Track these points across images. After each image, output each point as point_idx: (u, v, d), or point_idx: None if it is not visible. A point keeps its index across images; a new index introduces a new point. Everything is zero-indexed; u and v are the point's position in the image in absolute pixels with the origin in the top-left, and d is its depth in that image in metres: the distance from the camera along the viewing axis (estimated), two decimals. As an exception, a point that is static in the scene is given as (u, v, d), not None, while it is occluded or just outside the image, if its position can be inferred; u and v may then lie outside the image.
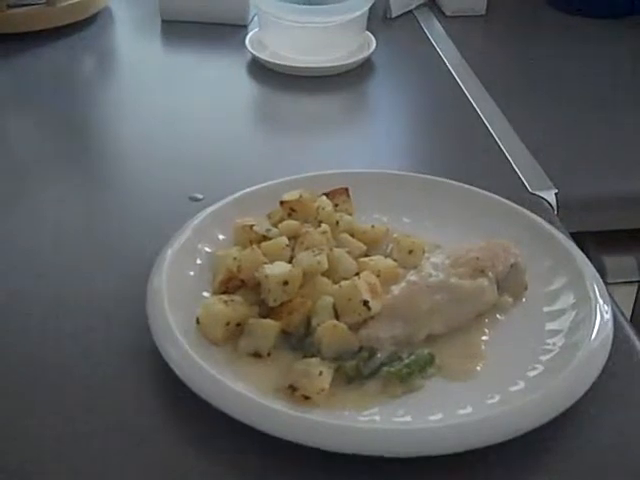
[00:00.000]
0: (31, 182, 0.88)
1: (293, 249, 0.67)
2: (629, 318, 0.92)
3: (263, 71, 1.11)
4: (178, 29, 1.23)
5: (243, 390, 0.57)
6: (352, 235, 0.71)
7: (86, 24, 1.22)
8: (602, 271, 0.91)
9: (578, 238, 0.77)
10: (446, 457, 0.53)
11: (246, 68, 1.12)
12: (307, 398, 0.57)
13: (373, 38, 1.15)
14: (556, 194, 0.86)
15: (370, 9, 1.13)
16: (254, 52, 1.11)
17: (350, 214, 0.74)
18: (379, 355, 0.61)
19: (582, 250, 0.71)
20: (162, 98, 1.05)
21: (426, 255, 0.70)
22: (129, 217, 0.81)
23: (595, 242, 0.92)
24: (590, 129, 1.00)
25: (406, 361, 0.60)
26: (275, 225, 0.71)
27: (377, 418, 0.57)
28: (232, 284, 0.65)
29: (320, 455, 0.53)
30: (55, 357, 0.64)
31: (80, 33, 1.20)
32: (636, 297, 0.95)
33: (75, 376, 0.62)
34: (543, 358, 0.61)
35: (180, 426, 0.58)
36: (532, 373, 0.60)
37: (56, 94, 1.06)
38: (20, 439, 0.57)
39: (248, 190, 0.76)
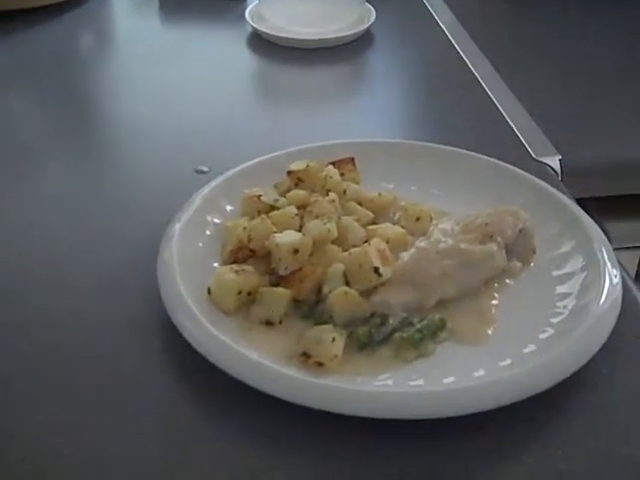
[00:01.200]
0: (33, 160, 0.87)
1: (302, 218, 0.68)
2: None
3: (263, 44, 1.11)
4: (176, 3, 1.23)
5: (257, 357, 0.57)
6: (359, 204, 0.71)
7: (84, 1, 1.21)
8: (606, 236, 0.91)
9: (582, 204, 0.77)
10: (459, 418, 0.53)
11: (246, 41, 1.12)
12: (320, 365, 0.57)
13: (372, 9, 1.15)
14: (560, 160, 0.86)
15: (369, -20, 1.13)
16: (254, 25, 1.11)
17: (357, 183, 0.74)
18: (391, 321, 0.61)
19: (586, 215, 0.72)
20: (162, 73, 1.05)
21: (434, 222, 0.70)
22: (136, 191, 0.81)
23: (599, 208, 0.92)
24: (593, 95, 1.00)
25: (417, 326, 0.61)
26: (282, 195, 0.71)
27: (390, 382, 0.57)
28: (242, 254, 0.66)
29: (333, 419, 0.54)
30: (68, 331, 0.64)
31: (78, 9, 1.20)
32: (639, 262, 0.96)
33: (87, 351, 0.62)
34: (553, 321, 0.62)
35: (195, 396, 0.59)
36: (543, 336, 0.60)
37: (55, 71, 1.06)
38: (36, 415, 0.57)
39: (255, 161, 0.77)
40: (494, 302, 0.64)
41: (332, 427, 0.54)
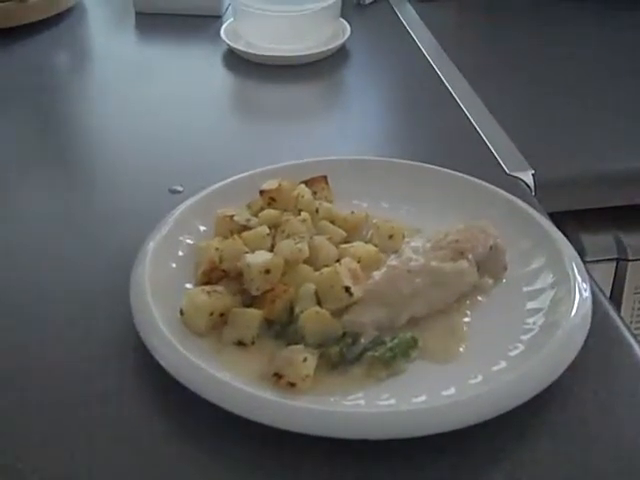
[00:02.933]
0: (9, 177, 0.87)
1: (274, 238, 0.68)
2: (609, 295, 0.94)
3: (239, 61, 1.11)
4: (152, 21, 1.23)
5: (229, 379, 0.57)
6: (332, 222, 0.71)
7: (59, 19, 1.22)
8: (580, 250, 0.92)
9: (556, 218, 0.78)
10: (430, 437, 0.54)
11: (222, 59, 1.12)
12: (292, 385, 0.57)
13: (347, 25, 1.15)
14: (533, 175, 0.86)
15: (344, -4, 1.14)
16: (229, 42, 1.11)
17: (330, 201, 0.74)
18: (362, 340, 0.61)
19: (561, 230, 0.72)
20: (138, 91, 1.06)
21: (406, 240, 0.70)
22: (110, 211, 0.81)
23: (573, 221, 0.93)
24: (565, 110, 1.01)
25: (389, 345, 0.61)
26: (255, 215, 0.72)
27: (362, 402, 0.57)
28: (215, 274, 0.66)
29: (305, 441, 0.54)
30: (37, 350, 0.64)
31: (54, 28, 1.20)
32: (615, 274, 0.96)
33: (58, 369, 0.62)
34: (524, 337, 0.62)
35: (166, 417, 0.59)
36: (513, 352, 0.61)
37: (31, 90, 1.06)
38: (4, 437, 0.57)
39: (227, 181, 0.77)
40: (466, 319, 0.65)
41: (304, 447, 0.54)
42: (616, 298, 0.97)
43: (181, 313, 0.63)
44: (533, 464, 0.54)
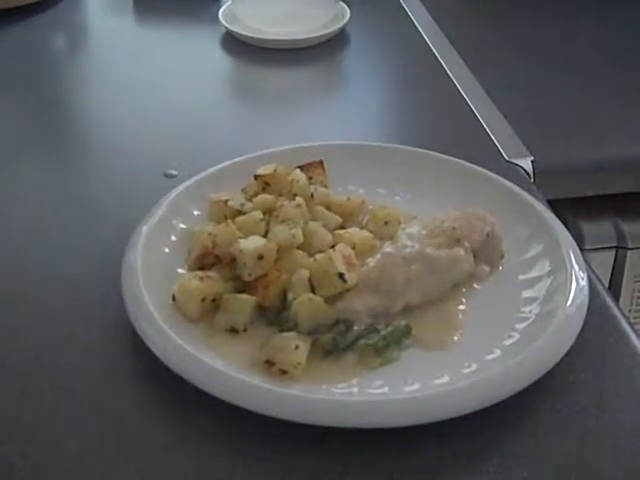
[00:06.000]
0: (3, 159, 0.87)
1: (268, 223, 0.67)
2: (607, 283, 0.93)
3: (237, 44, 1.10)
4: (150, 3, 1.22)
5: (220, 366, 0.57)
6: (328, 207, 0.71)
7: (57, 0, 1.20)
8: (580, 237, 0.91)
9: (555, 205, 0.77)
10: (421, 426, 0.53)
11: (220, 42, 1.11)
12: (284, 372, 0.57)
13: (347, 8, 1.14)
14: (532, 161, 0.85)
15: (343, -21, 1.13)
16: (228, 25, 1.10)
17: (325, 186, 0.74)
18: (356, 327, 0.61)
19: (559, 217, 0.71)
20: (136, 74, 1.05)
21: (402, 226, 0.69)
22: (104, 194, 0.81)
23: (572, 208, 0.92)
24: (565, 96, 1.00)
25: (382, 333, 0.60)
26: (250, 199, 0.71)
27: (354, 390, 0.57)
28: (207, 260, 0.65)
29: (297, 428, 0.53)
30: (29, 337, 0.64)
31: (51, 10, 1.19)
32: (614, 262, 0.95)
33: (49, 356, 0.62)
34: (519, 326, 0.61)
35: (157, 404, 0.58)
36: (508, 341, 0.60)
37: (28, 72, 1.05)
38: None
39: (222, 165, 0.76)
40: (461, 307, 0.64)
41: (296, 434, 0.54)
42: (615, 287, 0.96)
43: (173, 299, 0.62)
44: (526, 454, 0.54)
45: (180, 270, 0.66)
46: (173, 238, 0.69)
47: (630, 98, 0.99)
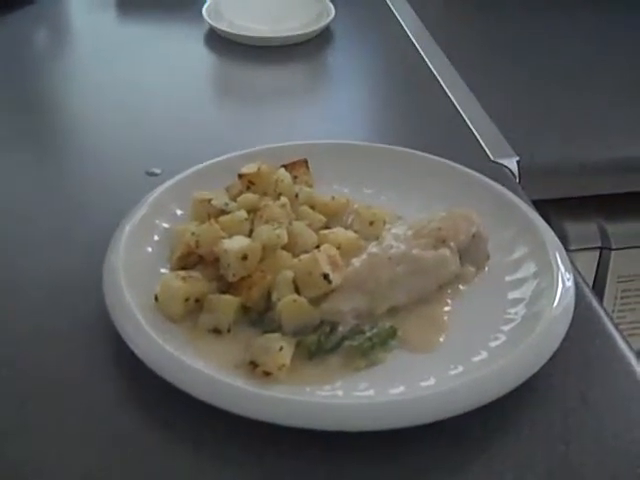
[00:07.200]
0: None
1: (252, 223, 0.66)
2: (592, 283, 0.93)
3: (221, 42, 1.09)
4: (133, -1, 1.21)
5: (203, 367, 0.56)
6: (313, 207, 0.70)
7: (39, -5, 1.19)
8: (564, 238, 0.91)
9: (540, 205, 0.77)
10: (408, 429, 0.52)
11: (203, 39, 1.11)
12: (268, 374, 0.56)
13: (332, 6, 1.14)
14: (518, 162, 0.85)
15: (328, -23, 1.12)
16: (211, 22, 1.10)
17: (310, 186, 0.73)
18: (341, 329, 0.60)
19: (544, 217, 0.71)
20: (118, 70, 1.04)
21: (387, 226, 0.69)
22: (85, 193, 0.80)
23: (557, 209, 0.92)
24: (551, 97, 1.00)
25: (368, 334, 0.60)
26: (234, 199, 0.70)
27: (339, 393, 0.56)
28: (190, 260, 0.64)
29: (281, 431, 0.52)
30: (9, 334, 0.63)
31: (33, 5, 1.18)
32: (598, 263, 0.95)
33: (29, 355, 0.61)
34: (505, 328, 0.61)
35: (139, 405, 0.57)
36: (494, 343, 0.59)
37: (10, 68, 1.04)
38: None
39: (206, 164, 0.75)
40: (446, 308, 0.63)
41: (280, 437, 0.53)
42: (599, 287, 0.96)
43: (156, 299, 0.61)
44: (513, 456, 0.53)
45: (163, 270, 0.65)
46: (156, 237, 0.68)
47: (615, 100, 1.00)
